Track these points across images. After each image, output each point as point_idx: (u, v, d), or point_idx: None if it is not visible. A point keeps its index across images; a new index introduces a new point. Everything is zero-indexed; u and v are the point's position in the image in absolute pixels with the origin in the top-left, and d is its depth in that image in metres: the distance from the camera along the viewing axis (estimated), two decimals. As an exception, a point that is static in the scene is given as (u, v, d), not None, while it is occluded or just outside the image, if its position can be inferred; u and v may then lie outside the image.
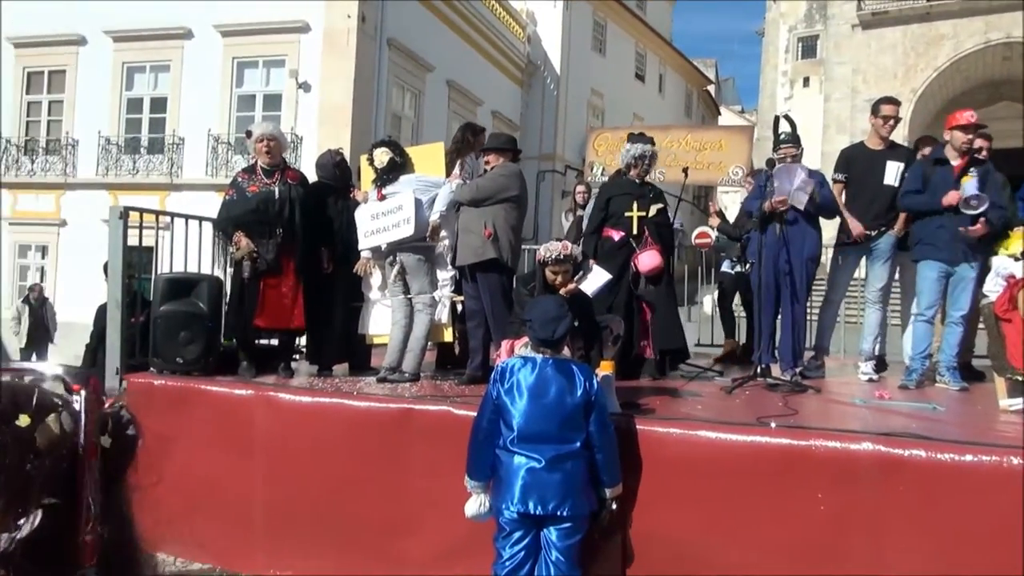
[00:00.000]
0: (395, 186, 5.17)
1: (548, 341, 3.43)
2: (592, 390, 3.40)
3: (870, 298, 5.70)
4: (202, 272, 5.53)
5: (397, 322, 5.15)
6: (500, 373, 3.47)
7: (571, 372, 3.42)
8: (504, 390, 3.41)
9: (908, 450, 3.24)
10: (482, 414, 3.48)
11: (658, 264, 5.06)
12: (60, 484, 0.63)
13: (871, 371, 5.61)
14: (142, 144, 16.46)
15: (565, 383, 3.38)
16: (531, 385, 3.37)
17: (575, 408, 3.35)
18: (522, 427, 3.33)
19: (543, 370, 3.40)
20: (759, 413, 3.91)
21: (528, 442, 3.32)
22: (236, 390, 4.74)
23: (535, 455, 3.29)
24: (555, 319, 3.44)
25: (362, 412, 4.33)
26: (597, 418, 3.38)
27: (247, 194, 5.18)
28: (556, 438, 3.32)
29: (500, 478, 3.39)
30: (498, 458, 3.41)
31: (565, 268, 4.15)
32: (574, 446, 3.33)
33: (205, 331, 5.07)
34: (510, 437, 3.35)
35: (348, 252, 5.42)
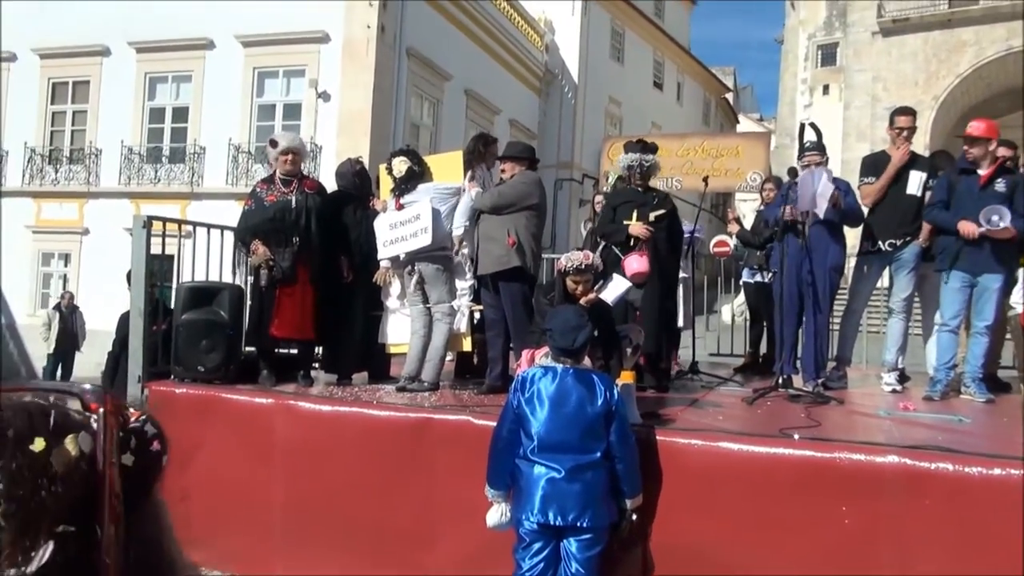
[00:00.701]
0: (413, 195, 5.17)
1: (568, 350, 3.42)
2: (612, 400, 3.38)
3: (895, 308, 5.63)
4: (223, 281, 5.58)
5: (416, 331, 5.15)
6: (521, 382, 3.47)
7: (591, 382, 3.41)
8: (524, 399, 3.40)
9: (935, 463, 3.19)
10: (502, 423, 3.48)
11: (643, 270, 4.99)
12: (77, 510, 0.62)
13: (894, 382, 5.54)
14: (164, 153, 16.64)
15: (585, 393, 3.36)
16: (551, 395, 3.36)
17: (595, 418, 3.33)
18: (542, 436, 3.32)
19: (563, 380, 3.39)
20: (781, 424, 3.87)
21: (548, 452, 3.30)
22: (257, 398, 4.76)
23: (555, 465, 3.27)
24: (575, 328, 3.44)
25: (382, 421, 4.33)
26: (618, 428, 3.36)
27: (265, 203, 5.23)
28: (576, 448, 3.30)
29: (520, 488, 3.37)
30: (518, 468, 3.39)
31: (586, 278, 4.15)
32: (594, 456, 3.31)
33: (226, 339, 5.11)
34: (530, 447, 3.34)
35: (367, 261, 5.44)
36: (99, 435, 0.77)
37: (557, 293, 4.25)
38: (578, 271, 4.14)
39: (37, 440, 0.71)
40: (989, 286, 5.00)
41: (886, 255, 5.56)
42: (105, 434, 0.77)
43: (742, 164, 6.95)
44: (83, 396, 0.78)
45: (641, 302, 5.10)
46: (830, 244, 5.31)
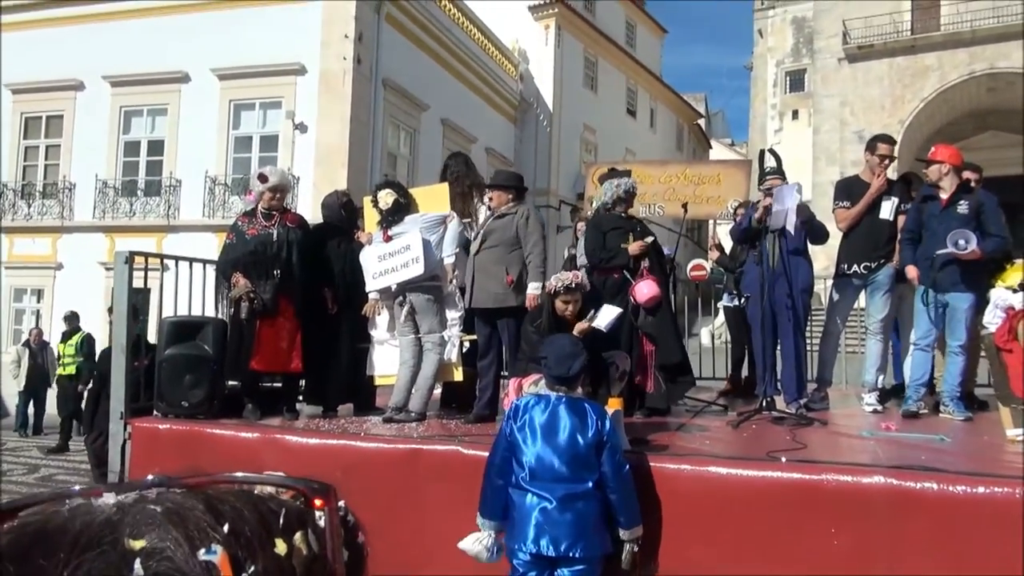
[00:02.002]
0: (401, 226, 5.21)
1: (564, 378, 3.44)
2: (605, 430, 3.38)
3: (871, 329, 5.73)
4: (206, 315, 5.55)
5: (405, 362, 5.16)
6: (514, 410, 3.48)
7: (584, 411, 3.42)
8: (517, 427, 3.40)
9: (920, 483, 3.25)
10: (495, 451, 3.47)
11: (656, 294, 5.07)
12: None
13: (875, 402, 5.63)
14: (139, 187, 16.52)
15: (577, 422, 3.37)
16: (543, 423, 3.37)
17: (587, 447, 3.34)
18: (533, 465, 3.32)
19: (556, 408, 3.40)
20: (768, 447, 3.92)
21: (540, 481, 3.30)
22: (242, 433, 4.74)
23: (547, 494, 3.27)
24: (570, 356, 3.45)
25: (370, 453, 4.32)
26: (610, 458, 3.35)
27: (246, 237, 5.24)
28: (568, 477, 3.30)
29: (513, 518, 3.36)
30: (511, 497, 3.39)
31: (575, 298, 4.19)
32: (586, 486, 3.30)
33: (210, 374, 5.08)
34: (522, 475, 3.34)
35: (352, 293, 5.45)
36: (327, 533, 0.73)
37: (545, 315, 4.28)
38: (568, 290, 4.18)
39: (279, 542, 0.67)
40: (959, 306, 5.12)
41: (861, 278, 5.67)
42: (332, 532, 0.74)
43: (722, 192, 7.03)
44: (306, 491, 0.76)
45: (656, 327, 5.15)
46: (799, 266, 5.40)
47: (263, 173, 5.34)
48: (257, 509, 0.68)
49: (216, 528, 0.63)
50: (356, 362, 5.51)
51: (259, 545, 0.66)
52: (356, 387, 5.61)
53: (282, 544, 0.67)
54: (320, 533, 0.73)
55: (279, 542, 0.67)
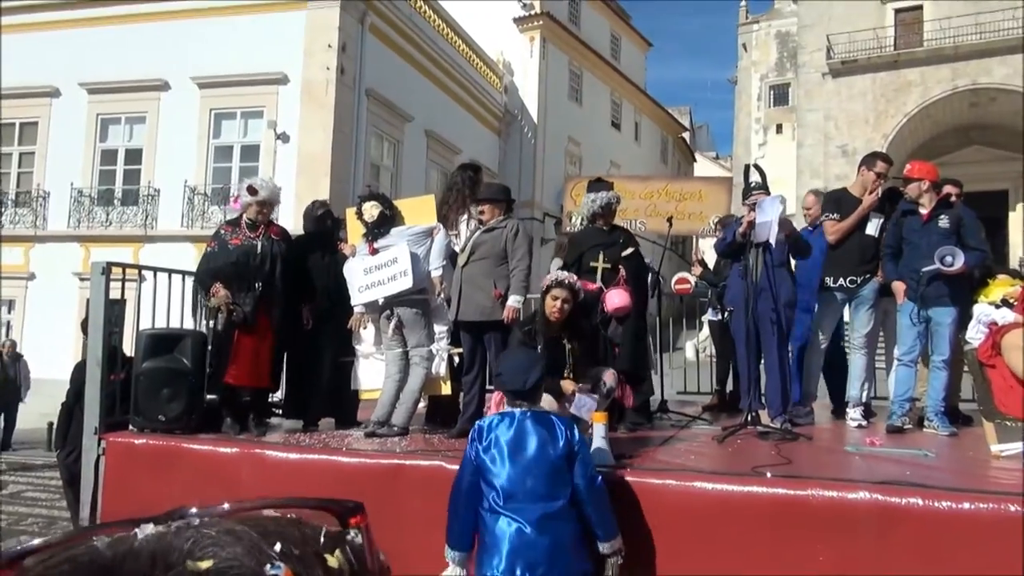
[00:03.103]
0: (387, 239, 5.21)
1: (520, 392, 3.37)
2: (574, 440, 3.30)
3: (855, 344, 5.79)
4: (184, 327, 5.51)
5: (391, 376, 5.15)
6: (477, 432, 3.36)
7: (551, 424, 3.33)
8: (482, 448, 3.29)
9: (905, 498, 3.27)
10: (461, 476, 3.34)
11: (625, 304, 5.09)
12: None
13: (860, 417, 5.67)
14: (116, 196, 16.43)
15: (546, 435, 3.28)
16: (509, 441, 3.26)
17: (558, 461, 3.24)
18: (505, 486, 3.20)
19: (521, 424, 3.30)
20: (753, 462, 3.93)
21: (512, 502, 3.18)
22: (221, 447, 4.69)
23: (521, 516, 3.15)
24: (525, 369, 3.39)
25: (352, 468, 4.29)
26: (582, 470, 3.26)
27: (229, 247, 5.20)
28: (542, 496, 3.18)
29: (485, 543, 3.22)
30: (482, 520, 3.25)
31: (565, 296, 4.20)
32: (561, 503, 3.20)
33: (188, 388, 5.03)
34: (494, 498, 3.21)
35: (335, 307, 5.43)
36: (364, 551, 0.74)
37: (540, 316, 4.29)
38: (559, 285, 4.19)
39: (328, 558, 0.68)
40: (942, 320, 5.19)
41: (846, 292, 5.73)
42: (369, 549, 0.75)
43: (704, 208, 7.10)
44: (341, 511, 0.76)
45: (622, 337, 5.17)
46: (782, 280, 5.45)
47: (253, 185, 5.29)
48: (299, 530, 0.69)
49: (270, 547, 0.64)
50: (338, 375, 5.49)
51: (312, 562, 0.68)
52: (338, 401, 5.58)
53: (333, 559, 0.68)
54: (357, 551, 0.74)
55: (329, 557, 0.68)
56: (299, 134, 15.33)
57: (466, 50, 21.24)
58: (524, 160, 24.19)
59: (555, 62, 25.53)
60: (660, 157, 35.42)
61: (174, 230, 15.51)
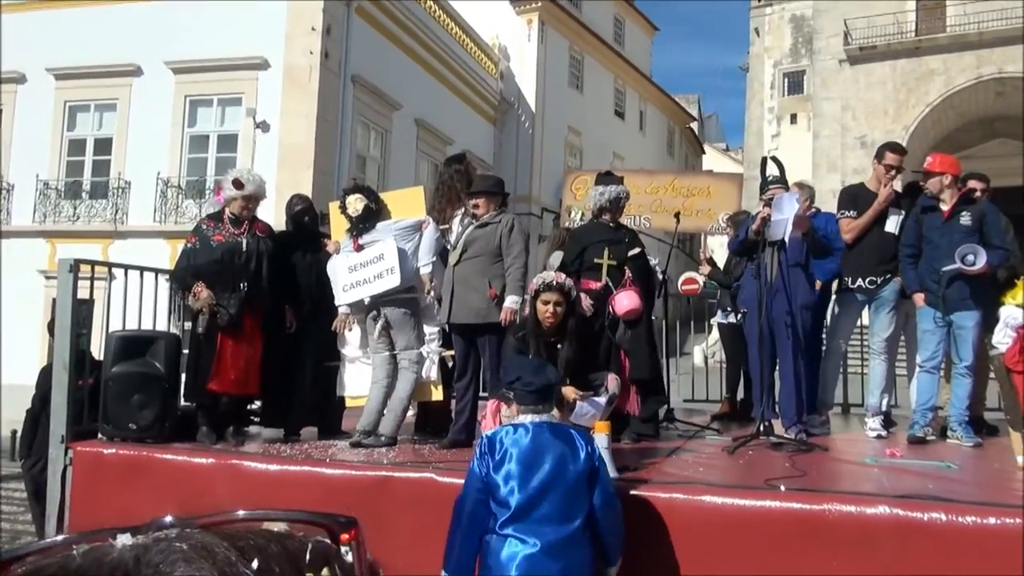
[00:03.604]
0: (372, 234, 5.20)
1: (547, 387, 3.29)
2: (595, 456, 3.24)
3: (875, 349, 5.79)
4: (157, 329, 5.50)
5: (378, 381, 5.14)
6: (487, 445, 3.24)
7: (570, 437, 3.26)
8: (494, 464, 3.17)
9: (927, 513, 3.28)
10: (466, 494, 3.22)
11: (636, 306, 5.08)
12: None
13: (879, 427, 5.68)
14: (84, 188, 16.38)
15: (565, 450, 3.18)
16: (526, 454, 3.15)
17: (579, 477, 3.15)
18: (519, 505, 3.08)
19: (538, 436, 3.20)
20: (765, 475, 3.94)
21: (524, 523, 3.07)
22: (196, 458, 4.69)
23: (532, 539, 3.05)
24: (541, 367, 3.36)
25: (336, 481, 4.29)
26: (602, 490, 3.20)
27: (211, 243, 5.18)
28: (557, 516, 3.09)
29: (488, 568, 3.12)
30: (486, 543, 3.14)
31: (557, 299, 4.20)
32: (576, 525, 3.11)
33: (161, 394, 5.02)
34: (503, 518, 3.10)
35: (317, 308, 5.42)
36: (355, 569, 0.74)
37: (530, 321, 4.28)
38: (549, 288, 4.19)
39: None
40: (964, 324, 5.19)
41: (865, 293, 5.73)
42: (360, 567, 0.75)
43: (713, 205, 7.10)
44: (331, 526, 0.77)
45: (631, 343, 5.16)
46: (799, 281, 5.46)
47: (239, 179, 5.26)
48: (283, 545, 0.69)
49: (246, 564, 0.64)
50: (322, 381, 5.48)
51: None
52: (321, 408, 5.58)
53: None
54: (348, 569, 0.74)
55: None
56: (280, 123, 15.28)
57: (459, 33, 21.24)
58: (521, 151, 24.19)
59: (554, 47, 25.54)
60: (666, 149, 35.46)
61: (146, 225, 15.46)
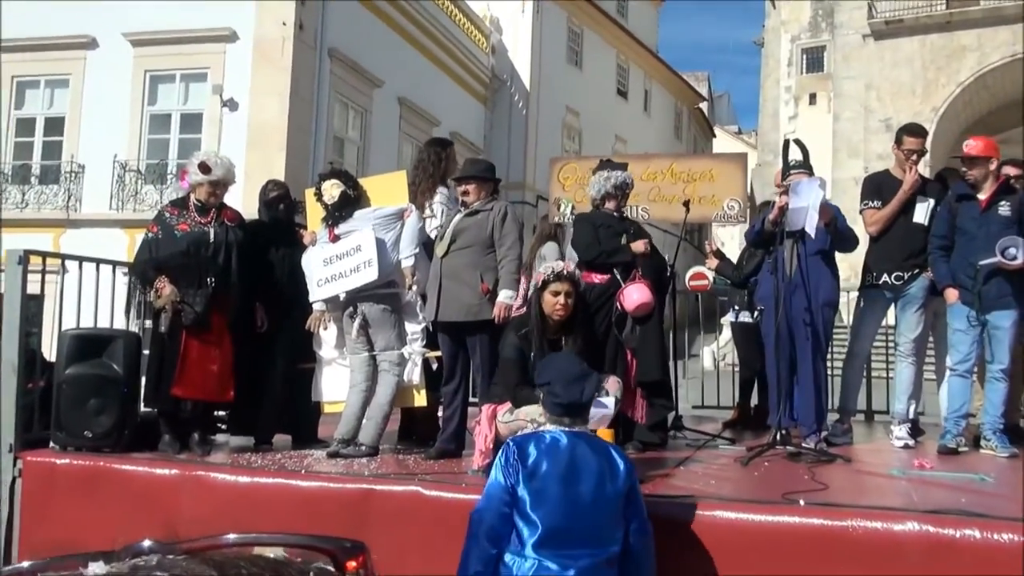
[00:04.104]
0: (350, 224, 5.20)
1: (577, 405, 3.22)
2: (633, 475, 3.19)
3: (903, 351, 5.80)
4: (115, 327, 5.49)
5: (356, 385, 5.14)
6: (516, 454, 3.16)
7: (608, 453, 3.20)
8: (524, 474, 3.09)
9: (960, 530, 3.29)
10: (487, 507, 3.13)
11: (647, 300, 5.08)
12: None
13: (906, 436, 5.69)
14: (33, 173, 16.32)
15: (605, 466, 3.13)
16: (562, 468, 3.09)
17: (617, 498, 3.11)
18: (551, 525, 3.00)
19: (575, 448, 3.14)
20: (783, 488, 3.95)
21: (554, 546, 2.98)
22: (157, 469, 4.69)
23: (564, 563, 2.96)
24: (580, 377, 3.25)
25: (313, 494, 4.29)
26: (637, 512, 3.15)
27: (175, 233, 5.17)
28: (593, 539, 3.02)
29: None
30: (506, 565, 3.04)
31: (567, 289, 4.22)
32: (612, 551, 3.06)
33: (119, 399, 5.01)
34: (532, 538, 3.01)
35: (291, 305, 5.41)
36: None
37: (535, 317, 4.27)
38: (559, 278, 4.20)
39: None
40: (1001, 324, 5.21)
41: (891, 290, 5.74)
42: None
43: (717, 190, 7.06)
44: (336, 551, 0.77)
45: (638, 341, 5.15)
46: (821, 276, 5.47)
47: (206, 162, 5.24)
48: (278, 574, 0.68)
49: None
50: (296, 385, 5.48)
51: None
52: (295, 415, 5.58)
53: None
54: None
55: None
56: (249, 101, 15.24)
57: (447, 3, 21.20)
58: (514, 133, 24.19)
59: (551, 19, 25.52)
60: (673, 131, 35.53)
61: (102, 213, 15.41)
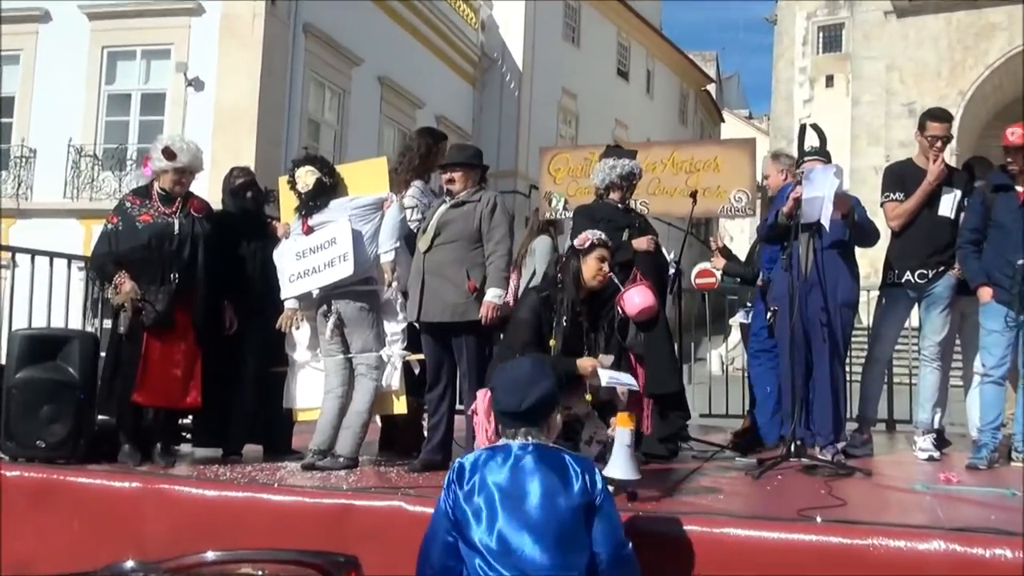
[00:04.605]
0: (324, 214, 5.20)
1: (515, 414, 3.09)
2: (595, 490, 3.00)
3: (927, 355, 5.82)
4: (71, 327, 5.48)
5: (331, 390, 5.14)
6: (456, 472, 3.06)
7: (562, 464, 3.04)
8: (464, 496, 2.98)
9: (990, 549, 3.30)
10: (432, 535, 3.06)
11: (651, 304, 5.08)
12: None
13: (931, 447, 5.71)
14: (-20, 158, 16.31)
15: (555, 479, 2.97)
16: (502, 485, 2.97)
17: (571, 515, 2.93)
18: (495, 550, 2.88)
19: (519, 462, 3.01)
20: (798, 504, 3.96)
21: (504, 570, 2.85)
22: (117, 482, 4.66)
23: None
24: (527, 383, 3.12)
25: (287, 509, 4.28)
26: (605, 532, 2.96)
27: (136, 224, 5.15)
28: (548, 563, 2.85)
29: None
30: None
31: (607, 256, 4.39)
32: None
33: (75, 405, 5.00)
34: (479, 566, 2.88)
35: (263, 303, 5.42)
36: None
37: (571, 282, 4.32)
38: (604, 244, 4.36)
39: None
40: (1037, 324, 5.23)
41: (915, 289, 5.77)
42: None
43: (723, 181, 7.01)
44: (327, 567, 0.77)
45: (644, 348, 5.16)
46: (839, 274, 5.50)
47: (170, 148, 5.21)
48: None
49: None
50: (267, 391, 5.49)
51: None
52: (267, 423, 5.59)
53: None
54: None
55: None
56: (216, 80, 15.27)
57: (433, -25, 21.21)
58: (505, 117, 24.20)
59: (546, -8, 25.54)
60: (678, 115, 35.59)
61: (55, 202, 15.44)
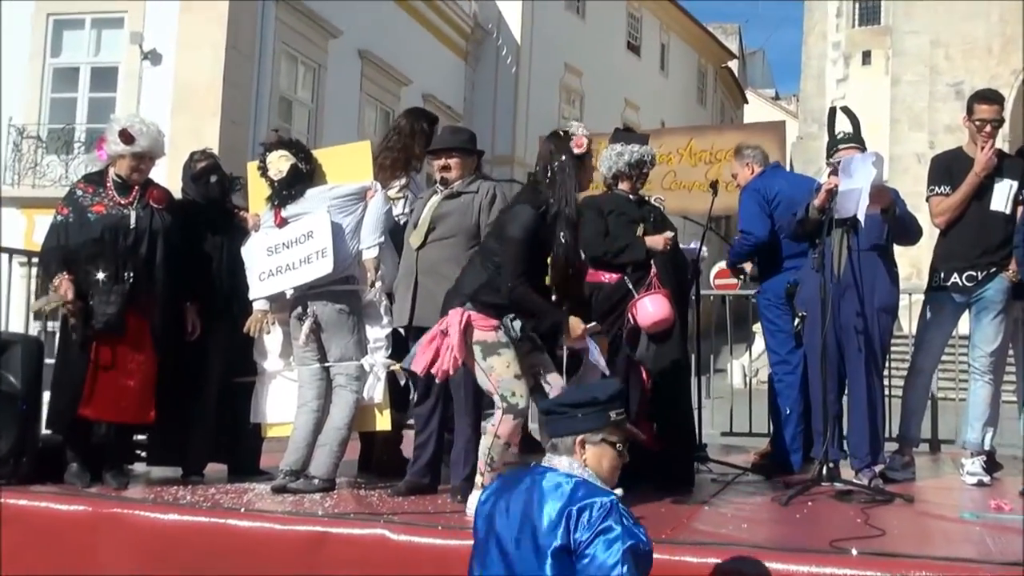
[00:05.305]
0: (300, 205, 5.21)
1: None
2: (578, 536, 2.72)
3: (978, 367, 5.83)
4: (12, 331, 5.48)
5: (306, 403, 5.15)
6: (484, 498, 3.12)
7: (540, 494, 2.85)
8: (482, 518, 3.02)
9: (1048, 586, 3.33)
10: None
11: (666, 316, 5.07)
12: None
13: (980, 471, 5.73)
14: (-91, 140, 16.28)
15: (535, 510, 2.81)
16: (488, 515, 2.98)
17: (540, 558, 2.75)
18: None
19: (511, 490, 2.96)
20: (832, 534, 3.98)
21: None
22: (64, 505, 4.68)
23: None
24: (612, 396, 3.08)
25: (255, 536, 4.30)
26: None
27: (88, 215, 5.15)
28: None
29: None
30: None
31: None
32: None
33: (17, 419, 5.02)
34: None
35: (229, 304, 5.43)
36: None
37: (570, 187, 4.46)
38: None
39: None
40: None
41: (964, 292, 5.78)
42: None
43: (746, 171, 7.08)
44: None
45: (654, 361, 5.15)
46: (877, 275, 5.51)
47: (128, 131, 5.19)
48: None
49: None
50: (233, 404, 5.50)
51: None
52: (232, 440, 5.60)
53: None
54: None
55: None
56: (176, 53, 15.28)
57: (420, -64, 21.24)
58: (501, 96, 24.21)
59: (548, -44, 25.57)
60: (696, 95, 35.62)
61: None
